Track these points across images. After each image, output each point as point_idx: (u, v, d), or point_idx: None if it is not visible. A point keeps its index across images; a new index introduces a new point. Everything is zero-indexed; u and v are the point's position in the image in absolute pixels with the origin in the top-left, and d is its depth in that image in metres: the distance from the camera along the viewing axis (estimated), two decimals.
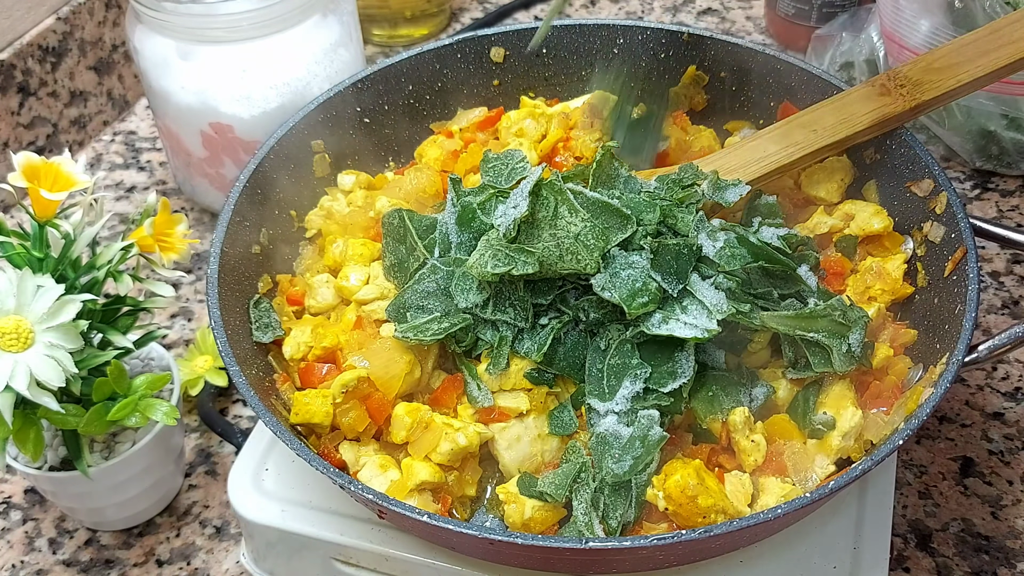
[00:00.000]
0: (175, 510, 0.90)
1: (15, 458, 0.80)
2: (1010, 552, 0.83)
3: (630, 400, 0.71)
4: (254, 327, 0.80)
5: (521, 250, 0.71)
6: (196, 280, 1.11)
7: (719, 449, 0.74)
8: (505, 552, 0.67)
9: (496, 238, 0.72)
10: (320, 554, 0.76)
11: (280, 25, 1.01)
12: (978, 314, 0.71)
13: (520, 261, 0.70)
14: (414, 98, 0.98)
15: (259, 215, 0.86)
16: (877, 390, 0.75)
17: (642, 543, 0.61)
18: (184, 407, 0.95)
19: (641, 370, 0.71)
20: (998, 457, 0.90)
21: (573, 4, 1.49)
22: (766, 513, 0.62)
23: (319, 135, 0.92)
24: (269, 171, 0.87)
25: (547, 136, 0.92)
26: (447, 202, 0.80)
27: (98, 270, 0.77)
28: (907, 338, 0.78)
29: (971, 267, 0.74)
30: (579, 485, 0.70)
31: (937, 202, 0.80)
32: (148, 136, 1.30)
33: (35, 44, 1.17)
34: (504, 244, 0.71)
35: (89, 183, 0.77)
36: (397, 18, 1.40)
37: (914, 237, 0.83)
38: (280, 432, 0.67)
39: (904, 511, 0.86)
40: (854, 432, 0.72)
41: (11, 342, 0.68)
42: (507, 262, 0.70)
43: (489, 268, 0.71)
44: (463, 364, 0.76)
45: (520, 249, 0.71)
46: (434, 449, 0.71)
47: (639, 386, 0.71)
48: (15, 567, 0.86)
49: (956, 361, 0.69)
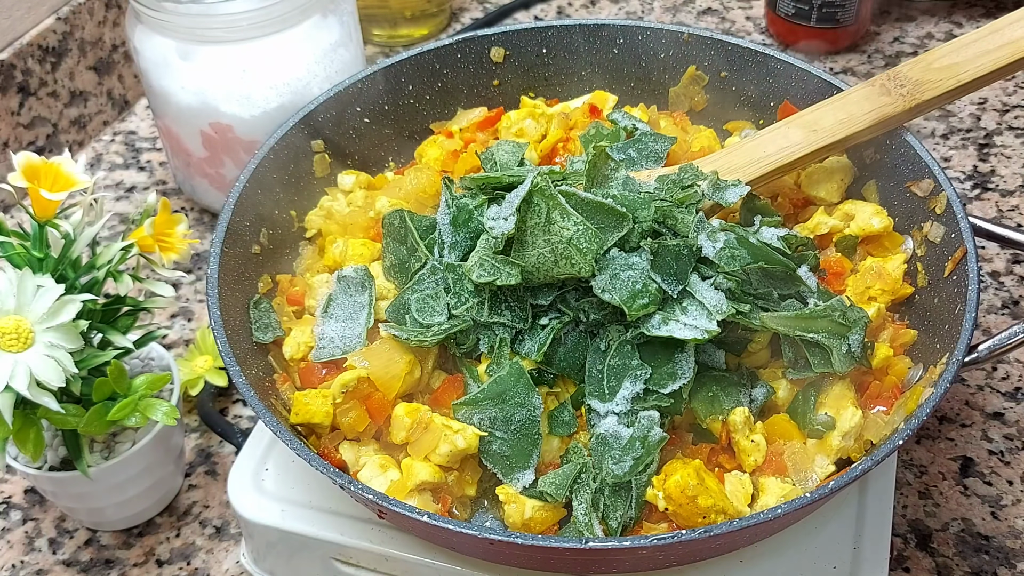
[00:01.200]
0: (175, 510, 0.90)
1: (15, 458, 0.80)
2: (1010, 552, 0.83)
3: (630, 401, 0.71)
4: (254, 327, 0.80)
5: (506, 261, 0.71)
6: (196, 280, 1.11)
7: (719, 449, 0.74)
8: (505, 552, 0.67)
9: (485, 247, 0.73)
10: (320, 554, 0.76)
11: (280, 25, 1.01)
12: (978, 314, 0.71)
13: (504, 272, 0.71)
14: (414, 98, 0.98)
15: (259, 215, 0.86)
16: (877, 390, 0.75)
17: (642, 543, 0.61)
18: (184, 407, 0.95)
19: (641, 371, 0.71)
20: (998, 457, 0.90)
21: (573, 4, 1.49)
22: (766, 513, 0.62)
23: (319, 135, 0.92)
24: (269, 171, 0.87)
25: (547, 136, 0.92)
26: (441, 203, 0.80)
27: (98, 270, 0.77)
28: (907, 338, 0.78)
29: (971, 267, 0.74)
30: (579, 486, 0.70)
31: (937, 202, 0.80)
32: (148, 136, 1.30)
33: (35, 44, 1.17)
34: (490, 254, 0.72)
35: (89, 183, 0.77)
36: (397, 18, 1.40)
37: (914, 237, 0.83)
38: (280, 432, 0.67)
39: (904, 511, 0.86)
40: (854, 432, 0.72)
41: (11, 342, 0.68)
42: (492, 272, 0.72)
43: (474, 277, 0.72)
44: (463, 365, 0.76)
45: (505, 260, 0.71)
46: (433, 450, 0.71)
47: (639, 387, 0.71)
48: (15, 567, 0.86)
49: (956, 361, 0.69)
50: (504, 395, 0.71)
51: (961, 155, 1.19)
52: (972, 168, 1.17)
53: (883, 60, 1.33)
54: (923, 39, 1.37)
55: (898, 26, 1.39)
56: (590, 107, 0.95)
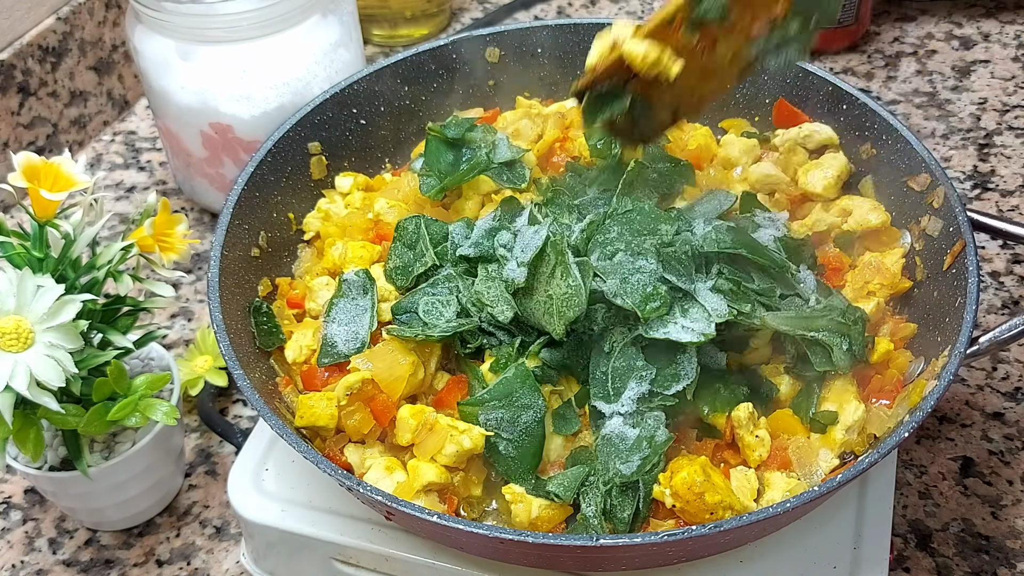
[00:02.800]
0: (175, 510, 0.90)
1: (15, 458, 0.80)
2: (1010, 552, 0.83)
3: (636, 402, 0.71)
4: (257, 335, 0.80)
5: (506, 300, 0.74)
6: (196, 280, 1.11)
7: (723, 445, 0.74)
8: (515, 551, 0.67)
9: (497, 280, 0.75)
10: (320, 554, 0.76)
11: (280, 25, 1.01)
12: (978, 309, 0.71)
13: (499, 309, 0.74)
14: (410, 99, 0.98)
15: (257, 218, 0.86)
16: (879, 384, 0.76)
17: (653, 539, 0.61)
18: (184, 407, 0.95)
19: (647, 372, 0.72)
20: (998, 457, 0.90)
21: (573, 4, 1.49)
22: (775, 507, 0.62)
23: (315, 137, 0.92)
24: (267, 174, 0.87)
25: (543, 136, 0.92)
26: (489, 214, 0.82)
27: (98, 270, 0.77)
28: (907, 332, 0.79)
29: (970, 260, 0.74)
30: (587, 487, 0.70)
31: (935, 196, 0.80)
32: (148, 136, 1.30)
33: (35, 44, 1.17)
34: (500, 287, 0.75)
35: (89, 183, 0.77)
36: (397, 18, 1.40)
37: (912, 232, 0.83)
38: (287, 436, 0.67)
39: (904, 511, 0.86)
40: (857, 426, 0.73)
41: (11, 342, 0.68)
42: (492, 302, 0.75)
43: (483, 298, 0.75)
44: (468, 366, 0.76)
45: (506, 299, 0.74)
46: (440, 451, 0.71)
47: (645, 388, 0.72)
48: (15, 567, 0.86)
49: (959, 353, 0.69)
50: (511, 396, 0.72)
51: (961, 155, 1.19)
52: (972, 168, 1.17)
53: (883, 60, 1.33)
54: (923, 39, 1.37)
55: (898, 26, 1.39)
56: None
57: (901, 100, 1.27)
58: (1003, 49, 1.34)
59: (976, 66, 1.32)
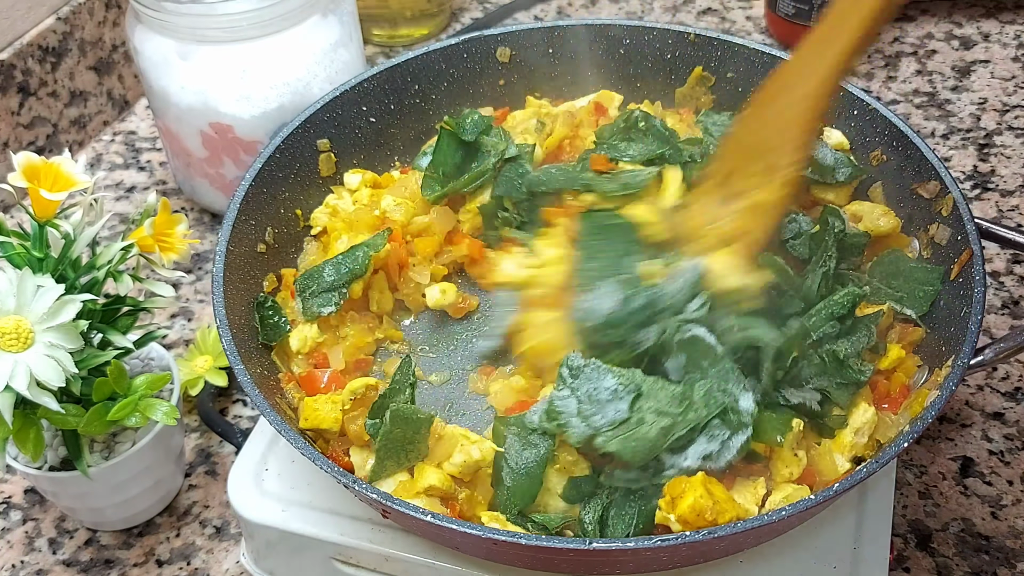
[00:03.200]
0: (175, 510, 0.90)
1: (15, 458, 0.80)
2: (1010, 552, 0.83)
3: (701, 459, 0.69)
4: (261, 333, 0.80)
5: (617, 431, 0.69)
6: (196, 280, 1.11)
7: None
8: (509, 552, 0.67)
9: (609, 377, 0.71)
10: (320, 554, 0.76)
11: (280, 25, 1.01)
12: (983, 317, 0.71)
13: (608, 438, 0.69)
14: (420, 97, 0.98)
15: (264, 214, 0.86)
16: (885, 389, 0.76)
17: (646, 544, 0.61)
18: (184, 407, 0.95)
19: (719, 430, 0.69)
20: (998, 457, 0.90)
21: (573, 4, 1.49)
22: (771, 515, 0.62)
23: (324, 134, 0.92)
24: (275, 169, 0.87)
25: (552, 133, 0.92)
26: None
27: (98, 270, 0.77)
28: (915, 336, 0.78)
29: (977, 269, 0.74)
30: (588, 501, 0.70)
31: (943, 204, 0.80)
32: (148, 136, 1.30)
33: (35, 44, 1.17)
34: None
35: (89, 183, 0.77)
36: (397, 18, 1.40)
37: (920, 239, 0.83)
38: (284, 430, 0.67)
39: (904, 511, 0.86)
40: (867, 429, 0.73)
41: (11, 342, 0.68)
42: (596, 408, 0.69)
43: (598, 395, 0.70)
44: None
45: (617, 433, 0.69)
46: (447, 458, 0.71)
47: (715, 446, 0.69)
48: (15, 567, 0.86)
49: (961, 364, 0.68)
50: None
51: (961, 155, 1.19)
52: (972, 168, 1.17)
53: (883, 60, 1.33)
54: (923, 39, 1.37)
55: (898, 26, 1.39)
56: (595, 106, 0.95)
57: (901, 100, 1.27)
58: (1003, 49, 1.34)
59: (976, 66, 1.32)
